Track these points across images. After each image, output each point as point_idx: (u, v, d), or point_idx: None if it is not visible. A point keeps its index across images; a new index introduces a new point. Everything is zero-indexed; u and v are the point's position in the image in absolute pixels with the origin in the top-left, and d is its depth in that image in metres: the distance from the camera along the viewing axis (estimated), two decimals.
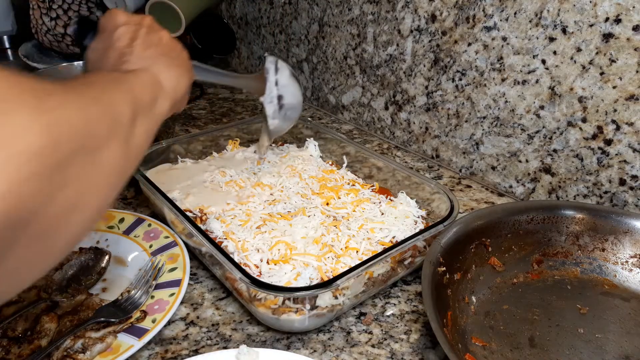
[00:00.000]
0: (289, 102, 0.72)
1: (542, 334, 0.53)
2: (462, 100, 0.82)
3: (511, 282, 0.59)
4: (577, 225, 0.62)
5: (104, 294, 0.57)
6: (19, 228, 0.25)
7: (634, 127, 0.63)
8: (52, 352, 0.48)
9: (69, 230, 0.31)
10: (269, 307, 0.51)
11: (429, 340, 0.53)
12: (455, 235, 0.57)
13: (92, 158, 0.32)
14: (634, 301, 0.57)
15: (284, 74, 0.71)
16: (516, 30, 0.71)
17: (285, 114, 0.72)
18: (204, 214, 0.65)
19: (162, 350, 0.51)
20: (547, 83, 0.70)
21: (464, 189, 0.82)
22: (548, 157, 0.73)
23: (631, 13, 0.60)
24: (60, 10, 1.19)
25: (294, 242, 0.58)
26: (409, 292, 0.60)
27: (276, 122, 0.72)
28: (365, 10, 0.93)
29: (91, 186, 0.32)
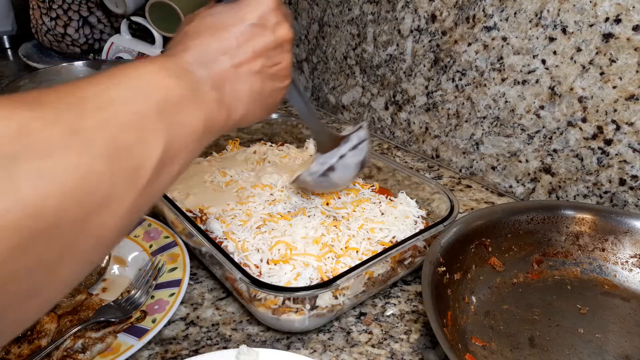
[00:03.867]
0: (334, 180, 0.63)
1: (542, 334, 0.53)
2: (462, 100, 0.82)
3: (511, 282, 0.59)
4: (577, 225, 0.62)
5: (104, 294, 0.57)
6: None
7: (634, 127, 0.63)
8: (52, 352, 0.48)
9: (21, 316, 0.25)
10: (269, 307, 0.51)
11: (429, 340, 0.53)
12: (455, 235, 0.57)
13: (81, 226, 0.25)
14: (634, 301, 0.57)
15: (356, 157, 0.62)
16: (516, 30, 0.71)
17: (321, 183, 0.63)
18: (204, 214, 0.65)
19: (162, 350, 0.51)
20: (547, 83, 0.70)
21: (464, 189, 0.82)
22: (548, 157, 0.73)
23: (631, 13, 0.60)
24: (60, 10, 1.19)
25: (294, 242, 0.58)
26: (409, 292, 0.60)
27: (308, 179, 0.63)
28: (365, 10, 0.93)
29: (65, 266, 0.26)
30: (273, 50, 0.42)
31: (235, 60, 0.40)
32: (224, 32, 0.40)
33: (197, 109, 0.35)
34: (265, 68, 0.42)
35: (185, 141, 0.34)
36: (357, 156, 0.62)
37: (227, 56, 0.39)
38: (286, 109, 1.14)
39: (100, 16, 1.22)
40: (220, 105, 0.38)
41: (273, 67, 0.43)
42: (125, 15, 1.16)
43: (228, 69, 0.39)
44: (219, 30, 0.40)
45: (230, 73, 0.39)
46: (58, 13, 1.19)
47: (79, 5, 1.19)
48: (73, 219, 0.25)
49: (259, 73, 0.41)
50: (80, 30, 1.21)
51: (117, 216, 0.28)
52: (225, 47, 0.40)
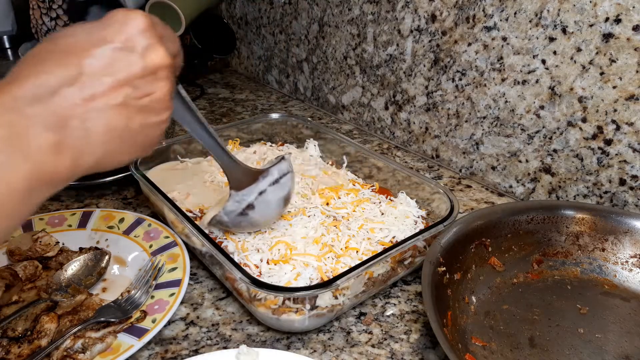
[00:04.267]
0: (254, 218, 0.57)
1: (542, 334, 0.53)
2: (462, 100, 0.82)
3: (511, 282, 0.59)
4: (577, 225, 0.62)
5: (104, 294, 0.57)
6: None
7: (634, 127, 0.63)
8: (52, 352, 0.48)
9: None
10: (269, 307, 0.51)
11: (429, 340, 0.53)
12: (455, 235, 0.57)
13: None
14: (634, 301, 0.57)
15: (278, 192, 0.56)
16: (516, 30, 0.71)
17: (240, 222, 0.57)
18: (204, 214, 0.65)
19: (162, 350, 0.51)
20: (547, 83, 0.70)
21: (464, 189, 0.82)
22: (548, 157, 0.73)
23: (631, 13, 0.60)
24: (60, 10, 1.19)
25: (294, 242, 0.58)
26: (409, 292, 0.60)
27: (224, 219, 0.56)
28: (365, 10, 0.93)
29: None
30: (142, 78, 0.35)
31: (87, 93, 0.33)
32: (73, 58, 0.33)
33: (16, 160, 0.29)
34: (131, 100, 0.35)
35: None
36: (280, 191, 0.56)
37: (75, 87, 0.33)
38: (286, 109, 1.14)
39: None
40: (59, 150, 0.31)
41: (143, 98, 0.36)
42: None
43: (75, 103, 0.32)
44: (68, 55, 0.33)
45: (78, 108, 0.32)
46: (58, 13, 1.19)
47: None
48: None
49: (122, 106, 0.35)
50: None
51: None
52: (73, 76, 0.33)
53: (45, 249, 0.61)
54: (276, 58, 1.23)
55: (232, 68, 1.43)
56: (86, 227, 0.66)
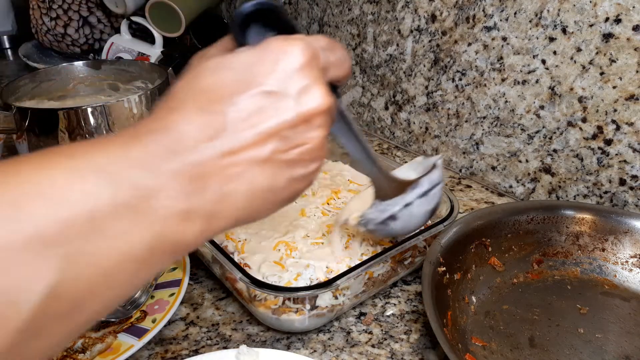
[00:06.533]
0: (395, 229, 0.52)
1: (542, 334, 0.53)
2: (462, 100, 0.82)
3: (511, 282, 0.59)
4: (577, 225, 0.62)
5: None
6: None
7: (634, 127, 0.63)
8: None
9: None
10: (269, 307, 0.51)
11: (429, 340, 0.53)
12: (455, 235, 0.57)
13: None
14: (634, 301, 0.57)
15: (425, 205, 0.51)
16: (516, 30, 0.71)
17: (376, 230, 0.52)
18: None
19: (162, 350, 0.51)
20: (547, 83, 0.70)
21: (464, 189, 0.82)
22: (548, 157, 0.73)
23: (631, 13, 0.60)
24: (60, 10, 1.19)
25: (294, 242, 0.58)
26: (409, 292, 0.60)
27: (363, 225, 0.52)
28: (365, 10, 0.93)
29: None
30: (293, 128, 0.29)
31: (228, 147, 0.28)
32: (217, 104, 0.28)
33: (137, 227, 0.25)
34: (278, 154, 0.29)
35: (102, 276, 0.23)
36: (427, 205, 0.51)
37: (217, 142, 0.27)
38: None
39: (100, 16, 1.22)
40: (189, 216, 0.27)
41: (291, 150, 0.30)
42: (125, 15, 1.16)
43: (215, 161, 0.27)
44: (212, 100, 0.28)
45: (216, 167, 0.28)
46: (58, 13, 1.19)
47: (79, 5, 1.19)
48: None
49: (268, 162, 0.29)
50: (80, 30, 1.21)
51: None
52: (216, 128, 0.28)
53: None
54: None
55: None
56: None
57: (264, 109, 0.29)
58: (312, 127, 0.30)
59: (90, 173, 0.24)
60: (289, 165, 0.30)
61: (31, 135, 0.73)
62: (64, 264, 0.21)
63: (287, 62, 0.29)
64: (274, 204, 0.32)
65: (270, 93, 0.29)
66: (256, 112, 0.28)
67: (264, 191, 0.30)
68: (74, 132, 0.72)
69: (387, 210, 0.50)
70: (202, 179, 0.27)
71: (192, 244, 0.28)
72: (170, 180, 0.26)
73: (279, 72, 0.29)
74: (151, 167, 0.26)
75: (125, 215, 0.24)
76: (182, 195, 0.26)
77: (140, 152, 0.26)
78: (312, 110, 0.30)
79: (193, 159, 0.27)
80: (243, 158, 0.28)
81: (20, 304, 0.20)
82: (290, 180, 0.31)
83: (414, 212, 0.50)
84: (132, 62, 0.96)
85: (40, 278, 0.21)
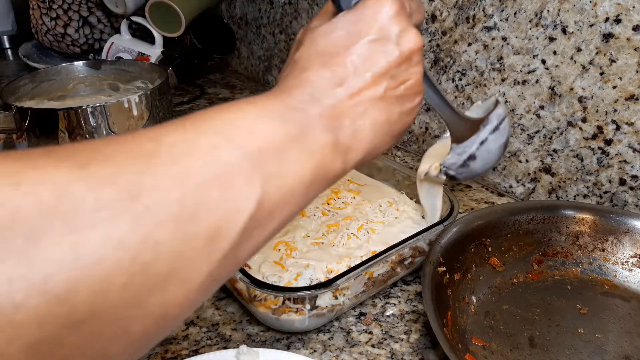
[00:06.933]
0: (475, 169, 0.54)
1: (542, 334, 0.53)
2: (462, 100, 0.82)
3: (511, 282, 0.59)
4: (577, 225, 0.62)
5: None
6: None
7: (634, 127, 0.63)
8: None
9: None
10: (269, 307, 0.51)
11: (429, 340, 0.53)
12: (455, 235, 0.57)
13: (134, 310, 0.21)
14: (634, 301, 0.57)
15: (498, 140, 0.53)
16: (516, 30, 0.71)
17: (459, 174, 0.55)
18: None
19: (162, 350, 0.51)
20: (547, 83, 0.70)
21: (464, 189, 0.82)
22: (548, 157, 0.73)
23: (631, 13, 0.60)
24: (60, 10, 1.19)
25: (294, 242, 0.58)
26: (409, 292, 0.60)
27: (445, 171, 0.55)
28: None
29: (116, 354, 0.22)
30: (398, 67, 0.35)
31: (353, 91, 0.34)
32: (337, 58, 0.34)
33: (304, 156, 0.30)
34: (390, 91, 0.35)
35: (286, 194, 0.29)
36: (500, 138, 0.53)
37: (344, 87, 0.34)
38: None
39: (100, 16, 1.22)
40: (336, 149, 0.33)
41: (399, 86, 0.36)
42: (125, 15, 1.16)
43: (345, 103, 0.34)
44: (332, 56, 0.34)
45: (347, 108, 0.34)
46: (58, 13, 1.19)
47: (79, 5, 1.19)
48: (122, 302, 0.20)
49: (383, 99, 0.35)
50: (80, 30, 1.21)
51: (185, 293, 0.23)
52: (341, 77, 0.34)
53: None
54: (276, 58, 1.23)
55: (232, 68, 1.43)
56: None
57: (374, 55, 0.34)
58: (412, 64, 0.36)
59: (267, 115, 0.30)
60: (399, 100, 0.36)
61: (31, 135, 0.73)
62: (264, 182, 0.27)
63: (384, 14, 0.35)
64: (391, 136, 0.37)
65: (376, 40, 0.34)
66: (368, 58, 0.34)
67: (383, 125, 0.36)
68: (74, 132, 0.72)
69: (466, 151, 0.53)
70: (339, 118, 0.33)
71: (339, 173, 0.34)
72: (318, 120, 0.32)
73: (379, 23, 0.35)
74: (303, 110, 0.32)
75: (295, 146, 0.30)
76: (328, 130, 0.32)
77: (292, 100, 0.32)
78: (411, 49, 0.36)
79: (330, 102, 0.33)
80: (365, 97, 0.34)
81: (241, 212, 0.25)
82: (401, 114, 0.37)
83: (490, 148, 0.53)
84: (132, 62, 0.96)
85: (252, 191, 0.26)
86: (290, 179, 0.29)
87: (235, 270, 0.28)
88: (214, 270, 0.24)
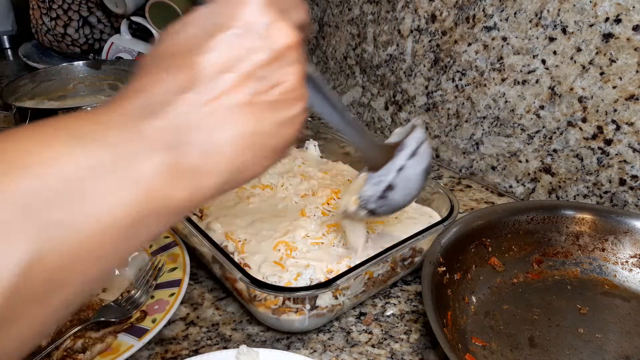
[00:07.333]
0: (396, 200, 0.50)
1: (542, 334, 0.53)
2: (462, 100, 0.82)
3: (511, 282, 0.59)
4: (577, 225, 0.62)
5: (104, 294, 0.57)
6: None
7: (634, 127, 0.63)
8: (52, 352, 0.48)
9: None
10: (269, 307, 0.51)
11: (429, 340, 0.53)
12: (455, 235, 0.57)
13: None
14: (634, 301, 0.57)
15: (418, 165, 0.49)
16: (516, 30, 0.71)
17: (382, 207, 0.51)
18: (204, 214, 0.65)
19: (162, 350, 0.51)
20: (547, 83, 0.70)
21: (464, 189, 0.82)
22: (548, 157, 0.73)
23: (631, 13, 0.60)
24: (60, 10, 1.19)
25: (294, 242, 0.58)
26: (409, 292, 0.60)
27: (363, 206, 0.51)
28: (365, 10, 0.93)
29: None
30: (268, 66, 0.29)
31: (205, 97, 0.27)
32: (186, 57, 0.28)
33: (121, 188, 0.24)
34: (258, 95, 0.29)
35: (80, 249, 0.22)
36: (420, 164, 0.50)
37: (192, 93, 0.27)
38: None
39: (100, 16, 1.22)
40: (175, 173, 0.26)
41: (272, 90, 0.29)
42: (125, 15, 1.16)
43: (193, 111, 0.27)
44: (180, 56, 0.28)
45: (196, 117, 0.27)
46: (58, 13, 1.19)
47: (79, 5, 1.19)
48: None
49: (249, 105, 0.28)
50: (80, 30, 1.21)
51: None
52: (187, 79, 0.27)
53: None
54: None
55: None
56: None
57: (235, 52, 0.28)
58: (286, 63, 0.30)
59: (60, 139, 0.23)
60: (272, 107, 0.30)
61: None
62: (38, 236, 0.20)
63: (248, 4, 0.29)
64: (265, 152, 0.30)
65: (238, 35, 0.28)
66: (228, 57, 0.28)
67: (250, 137, 0.29)
68: None
69: (382, 180, 0.49)
70: (183, 132, 0.26)
71: (183, 205, 0.27)
72: (150, 136, 0.25)
73: (242, 15, 0.29)
74: (127, 126, 0.25)
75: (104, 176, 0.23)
76: (164, 149, 0.26)
77: (115, 115, 0.26)
78: (282, 44, 0.30)
79: (171, 112, 0.26)
80: (222, 104, 0.27)
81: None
82: (278, 125, 0.30)
83: (410, 175, 0.49)
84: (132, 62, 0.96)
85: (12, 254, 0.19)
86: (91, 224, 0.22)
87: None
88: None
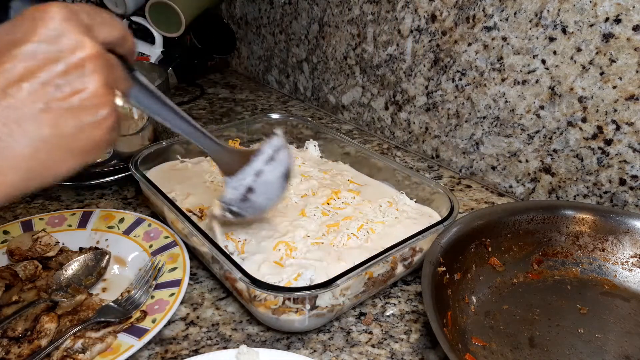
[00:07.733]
0: (258, 202, 0.54)
1: (542, 334, 0.53)
2: (462, 100, 0.82)
3: (511, 282, 0.59)
4: (577, 225, 0.62)
5: (104, 294, 0.57)
6: None
7: (634, 127, 0.63)
8: (52, 352, 0.48)
9: None
10: (269, 307, 0.50)
11: (429, 340, 0.53)
12: (455, 235, 0.57)
13: None
14: (634, 301, 0.57)
15: (276, 170, 0.53)
16: (516, 30, 0.71)
17: (246, 209, 0.54)
18: (204, 214, 0.65)
19: (162, 350, 0.51)
20: (547, 83, 0.70)
21: (464, 189, 0.82)
22: (548, 157, 0.73)
23: (631, 13, 0.60)
24: None
25: (294, 242, 0.58)
26: (409, 292, 0.60)
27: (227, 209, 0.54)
28: (365, 10, 0.93)
29: None
30: (65, 76, 0.32)
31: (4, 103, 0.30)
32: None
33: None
34: (55, 102, 0.32)
35: None
36: (278, 169, 0.53)
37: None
38: (286, 109, 1.14)
39: None
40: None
41: (71, 97, 0.32)
42: (125, 15, 1.16)
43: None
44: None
45: None
46: None
47: None
48: None
49: (46, 112, 0.32)
50: None
51: None
52: None
53: (45, 249, 0.61)
54: (276, 58, 1.23)
55: (232, 68, 1.43)
56: (86, 227, 0.66)
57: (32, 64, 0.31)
58: (85, 73, 0.33)
59: None
60: (73, 113, 0.33)
61: None
62: None
63: (47, 20, 0.32)
64: (69, 153, 0.33)
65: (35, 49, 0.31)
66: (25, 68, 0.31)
67: (50, 139, 0.32)
68: None
69: (241, 184, 0.52)
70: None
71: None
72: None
73: (40, 29, 0.31)
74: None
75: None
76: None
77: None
78: (78, 56, 0.32)
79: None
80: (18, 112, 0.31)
81: None
82: (82, 128, 0.33)
83: (269, 179, 0.52)
84: None
85: None
86: None
87: None
88: None
